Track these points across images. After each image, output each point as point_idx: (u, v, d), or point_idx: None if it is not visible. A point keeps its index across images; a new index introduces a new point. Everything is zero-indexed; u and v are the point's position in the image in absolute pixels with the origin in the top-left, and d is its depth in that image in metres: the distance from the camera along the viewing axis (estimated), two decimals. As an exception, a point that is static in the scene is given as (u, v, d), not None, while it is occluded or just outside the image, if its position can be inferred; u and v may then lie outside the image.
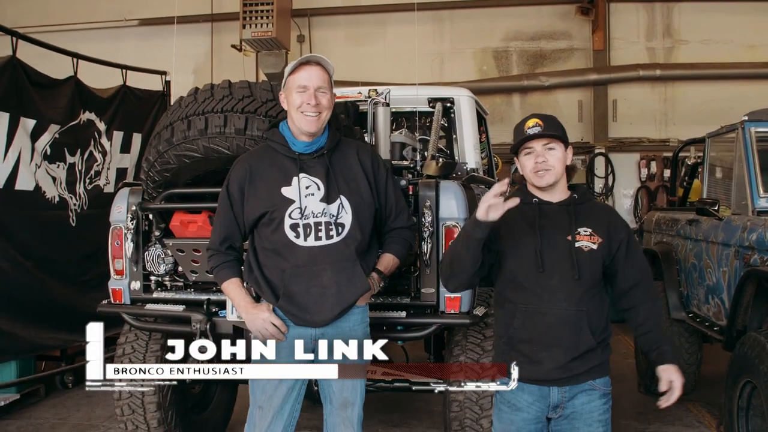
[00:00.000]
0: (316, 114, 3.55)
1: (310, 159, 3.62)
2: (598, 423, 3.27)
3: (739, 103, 11.06)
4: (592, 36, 13.36)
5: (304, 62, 3.60)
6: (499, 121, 13.21)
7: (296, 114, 3.56)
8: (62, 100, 7.77)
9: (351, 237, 3.60)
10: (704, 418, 6.75)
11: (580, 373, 3.24)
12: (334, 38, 13.85)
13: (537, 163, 3.24)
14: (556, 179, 3.27)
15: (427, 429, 6.48)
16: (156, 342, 5.28)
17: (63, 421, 6.82)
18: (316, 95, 3.55)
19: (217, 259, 3.69)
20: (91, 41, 12.84)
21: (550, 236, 3.25)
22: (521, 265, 3.25)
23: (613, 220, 3.36)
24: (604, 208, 3.50)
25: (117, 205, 5.00)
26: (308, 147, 3.62)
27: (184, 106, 4.40)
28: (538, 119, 3.26)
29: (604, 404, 3.30)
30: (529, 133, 3.22)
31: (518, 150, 3.30)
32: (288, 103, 3.61)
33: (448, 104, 6.34)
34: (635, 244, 3.37)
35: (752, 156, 5.67)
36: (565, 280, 3.18)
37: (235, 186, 3.64)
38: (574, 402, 3.27)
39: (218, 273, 3.69)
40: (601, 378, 3.30)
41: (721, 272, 5.83)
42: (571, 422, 3.29)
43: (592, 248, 3.24)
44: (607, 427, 3.31)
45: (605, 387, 3.31)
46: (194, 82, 4.45)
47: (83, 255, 7.99)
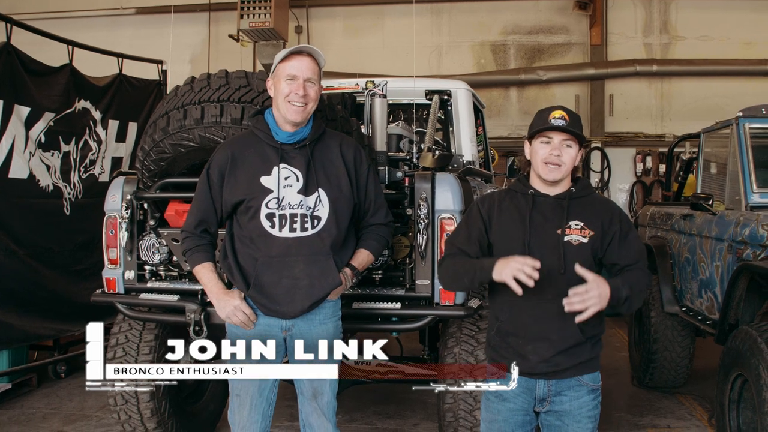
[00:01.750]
0: (302, 104, 3.55)
1: (292, 149, 3.62)
2: (587, 419, 3.28)
3: (734, 100, 11.10)
4: (589, 31, 13.36)
5: (295, 52, 3.59)
6: (496, 114, 13.23)
7: (283, 102, 3.55)
8: (57, 87, 7.73)
9: (326, 231, 3.61)
10: (696, 411, 6.78)
11: (567, 368, 3.25)
12: (332, 30, 13.83)
13: (551, 155, 3.23)
14: (563, 177, 3.28)
15: (421, 420, 6.49)
16: (150, 332, 5.26)
17: (55, 410, 6.82)
18: (305, 86, 3.55)
19: (191, 241, 3.68)
20: (87, 29, 12.79)
21: (540, 229, 3.26)
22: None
23: (609, 212, 3.33)
24: (602, 201, 3.46)
25: (111, 194, 4.98)
26: (291, 137, 3.61)
27: (180, 95, 4.39)
28: (564, 112, 3.24)
29: (593, 400, 3.30)
30: (554, 123, 3.21)
31: (534, 135, 3.29)
32: (275, 91, 3.60)
33: (445, 97, 6.34)
34: (632, 235, 3.33)
35: (746, 152, 5.68)
36: (552, 274, 3.16)
37: (216, 171, 3.64)
38: (561, 398, 3.28)
39: (191, 256, 3.69)
40: (590, 374, 3.30)
41: (714, 266, 5.85)
42: (560, 418, 3.30)
43: (582, 242, 3.23)
44: (596, 422, 3.31)
45: (594, 383, 3.31)
46: (191, 72, 4.45)
47: (77, 244, 7.96)
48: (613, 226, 3.28)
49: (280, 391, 3.89)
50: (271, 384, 3.72)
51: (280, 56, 3.59)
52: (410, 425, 6.39)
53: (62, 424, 6.43)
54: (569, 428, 3.29)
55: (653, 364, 7.15)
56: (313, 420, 3.75)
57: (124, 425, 5.32)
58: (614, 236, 3.27)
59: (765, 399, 4.34)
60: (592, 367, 3.30)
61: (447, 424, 4.83)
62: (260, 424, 3.71)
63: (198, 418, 5.81)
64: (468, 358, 4.75)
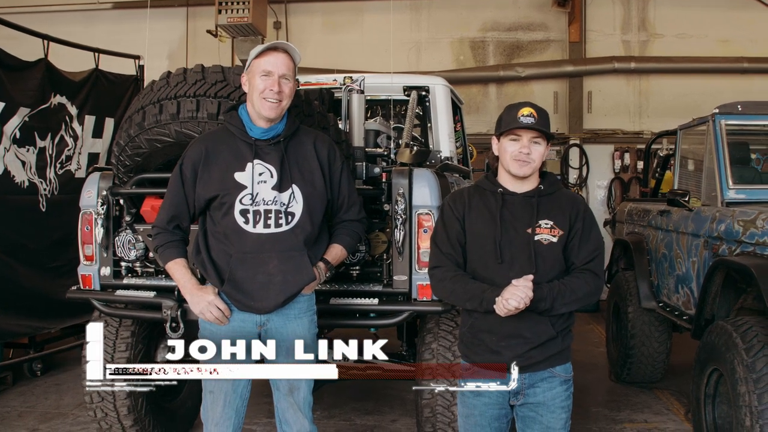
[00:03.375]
0: (277, 101, 3.55)
1: (266, 145, 3.62)
2: (560, 409, 3.31)
3: (712, 97, 11.13)
4: (568, 28, 13.37)
5: (271, 48, 3.58)
6: (475, 111, 13.24)
7: (257, 98, 3.55)
8: (32, 82, 7.67)
9: (300, 227, 3.61)
10: (673, 405, 6.83)
11: (540, 361, 3.27)
12: (311, 25, 13.78)
13: (521, 152, 3.23)
14: (532, 172, 3.29)
15: (399, 416, 6.49)
16: (126, 329, 5.22)
17: (31, 409, 6.77)
18: (280, 82, 3.54)
19: (163, 237, 3.67)
20: (63, 24, 12.67)
21: (510, 228, 3.27)
22: (481, 256, 3.29)
23: (576, 209, 3.33)
24: (569, 197, 3.44)
25: (87, 189, 4.95)
26: (265, 133, 3.61)
27: (156, 90, 4.36)
28: (533, 109, 3.23)
29: (565, 390, 3.33)
30: (523, 121, 3.20)
31: (503, 133, 3.29)
32: (250, 86, 3.60)
33: (423, 93, 6.34)
34: (593, 234, 3.33)
35: (722, 148, 5.71)
36: (524, 273, 3.15)
37: (189, 166, 3.63)
38: (535, 390, 3.30)
39: (163, 252, 3.68)
40: (562, 365, 3.33)
41: (690, 262, 5.88)
42: (534, 409, 3.32)
43: (552, 241, 3.25)
44: (569, 412, 3.34)
45: (566, 373, 3.34)
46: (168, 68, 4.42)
47: (53, 241, 7.90)
48: (577, 223, 3.30)
49: (258, 388, 3.89)
50: (245, 381, 3.71)
51: (256, 52, 3.57)
52: (388, 421, 6.39)
53: (38, 422, 6.38)
54: (544, 419, 3.31)
55: (630, 359, 7.19)
56: (290, 416, 3.75)
57: (101, 423, 5.28)
58: (576, 234, 3.29)
59: (740, 393, 4.37)
60: (564, 358, 3.33)
61: (425, 419, 4.83)
62: (234, 421, 3.71)
63: (175, 415, 5.78)
64: (446, 353, 4.75)
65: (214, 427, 3.69)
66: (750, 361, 4.35)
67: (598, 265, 3.31)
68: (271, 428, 5.84)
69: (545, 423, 3.31)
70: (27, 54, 7.78)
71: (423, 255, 4.52)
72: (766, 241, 4.73)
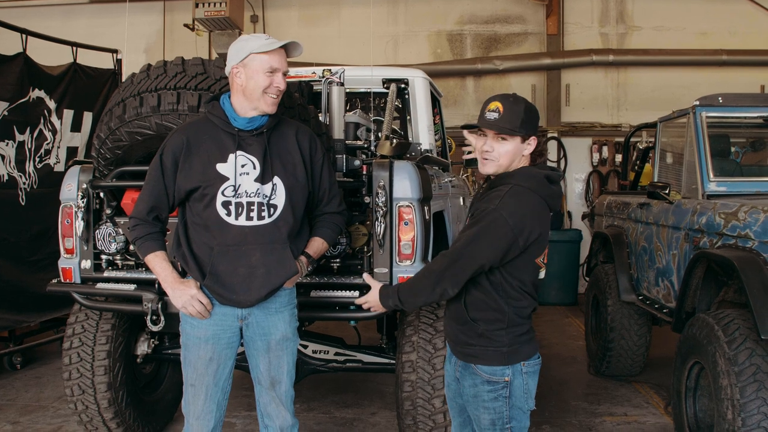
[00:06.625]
0: (278, 97, 3.56)
1: (249, 136, 3.59)
2: (483, 409, 3.22)
3: (690, 90, 11.25)
4: (546, 20, 13.40)
5: (279, 46, 3.55)
6: (453, 104, 13.29)
7: (259, 94, 3.50)
8: (11, 77, 7.64)
9: (282, 219, 3.60)
10: (652, 399, 6.87)
11: (457, 345, 3.31)
12: (288, 19, 13.75)
13: (484, 150, 3.20)
14: (496, 171, 3.22)
15: (378, 409, 6.51)
16: (107, 322, 5.22)
17: (11, 402, 6.74)
18: (283, 80, 3.55)
19: (142, 229, 3.63)
20: (41, 18, 12.64)
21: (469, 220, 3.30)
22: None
23: (486, 204, 3.17)
24: (494, 195, 3.18)
25: (67, 182, 4.92)
26: (249, 124, 3.58)
27: (136, 82, 4.34)
28: (500, 103, 3.14)
29: (490, 392, 3.20)
30: (487, 117, 3.14)
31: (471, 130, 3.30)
32: (247, 79, 3.51)
33: (403, 85, 6.34)
34: (474, 229, 3.12)
35: (703, 140, 5.72)
36: None
37: (170, 156, 3.58)
38: (464, 382, 3.30)
39: (142, 244, 3.63)
40: (486, 366, 3.20)
41: (671, 255, 5.91)
42: (466, 400, 3.33)
43: None
44: (497, 415, 3.21)
45: (492, 375, 3.20)
46: (146, 62, 4.40)
47: (33, 234, 7.89)
48: (473, 217, 3.24)
49: (238, 381, 3.89)
50: (226, 374, 3.71)
51: (260, 47, 3.51)
52: (368, 414, 6.41)
53: (18, 415, 6.36)
54: (471, 413, 3.33)
55: (610, 352, 7.23)
56: (271, 409, 3.77)
57: (81, 415, 5.28)
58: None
59: (721, 386, 4.40)
60: (487, 360, 3.20)
61: (405, 412, 4.85)
62: (215, 414, 3.71)
63: (155, 407, 5.77)
64: (426, 346, 4.77)
65: (195, 420, 3.69)
66: (732, 353, 4.38)
67: (455, 254, 3.19)
68: (250, 421, 5.87)
69: (473, 416, 3.31)
70: (5, 48, 7.74)
71: (404, 247, 4.54)
72: (747, 234, 4.75)
